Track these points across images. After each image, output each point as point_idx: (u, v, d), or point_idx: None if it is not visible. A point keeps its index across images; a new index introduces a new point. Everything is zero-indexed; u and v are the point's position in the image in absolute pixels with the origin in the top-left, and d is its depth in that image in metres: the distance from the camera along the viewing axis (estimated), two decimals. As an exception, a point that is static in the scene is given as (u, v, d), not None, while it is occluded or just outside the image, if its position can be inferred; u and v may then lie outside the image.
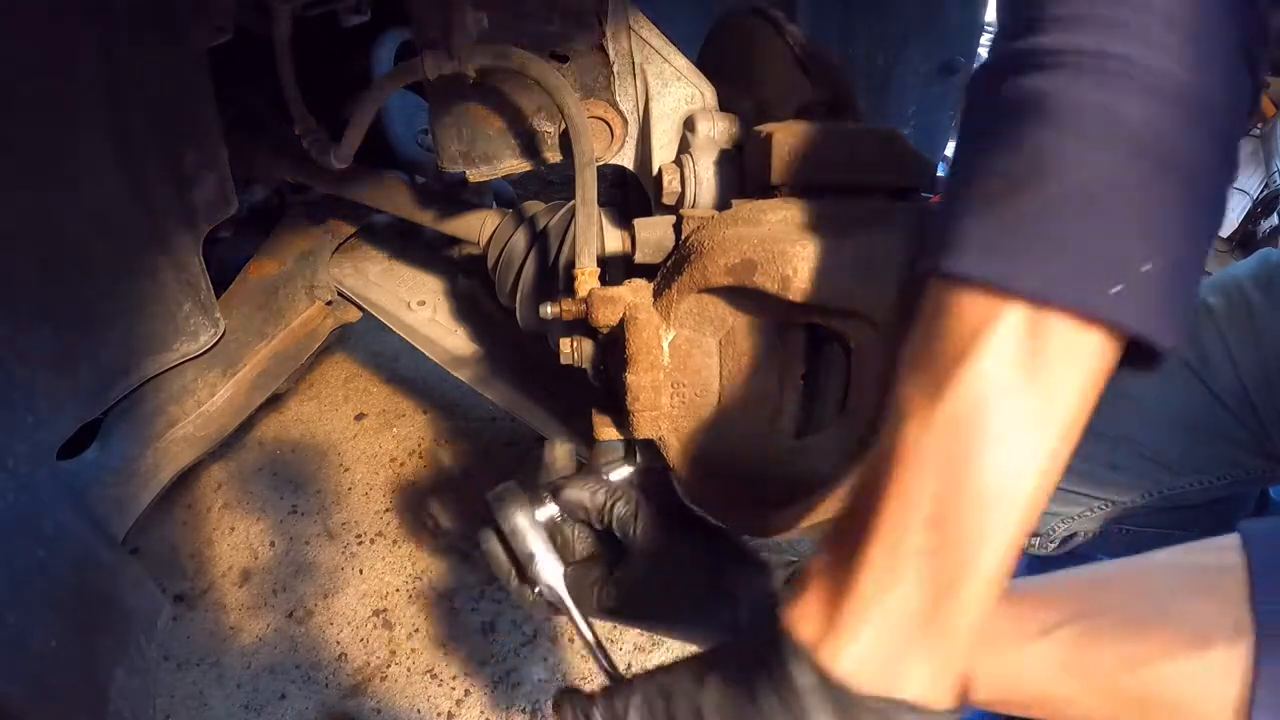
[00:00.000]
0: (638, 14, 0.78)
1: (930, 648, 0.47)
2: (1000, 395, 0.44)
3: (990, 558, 0.45)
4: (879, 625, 0.47)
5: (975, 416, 0.44)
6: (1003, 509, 0.45)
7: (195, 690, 1.19)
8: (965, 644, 0.47)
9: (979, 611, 0.46)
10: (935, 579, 0.46)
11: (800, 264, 0.58)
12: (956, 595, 0.46)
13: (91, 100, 0.72)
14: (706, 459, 0.69)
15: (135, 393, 0.91)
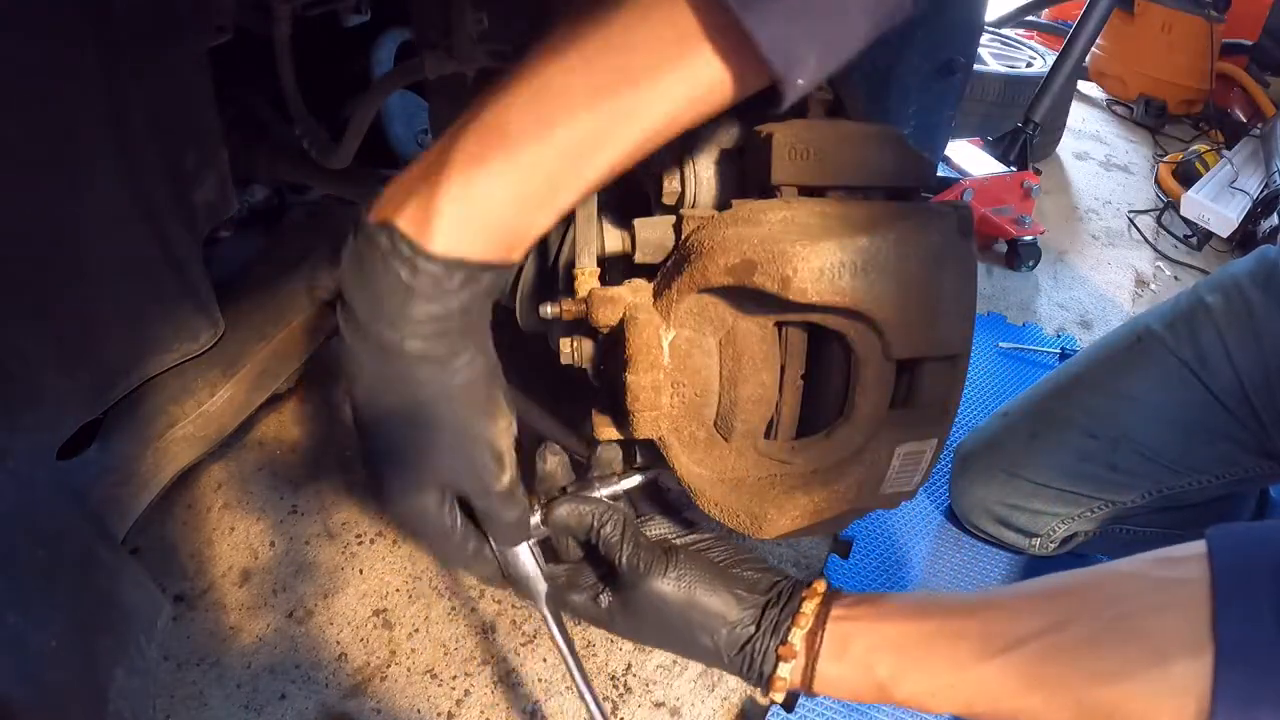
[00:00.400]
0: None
1: (420, 188, 0.48)
2: (566, 15, 0.47)
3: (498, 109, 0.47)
4: (399, 177, 0.50)
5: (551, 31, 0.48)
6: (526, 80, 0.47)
7: (195, 690, 1.19)
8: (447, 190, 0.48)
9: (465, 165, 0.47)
10: (447, 142, 0.48)
11: (800, 264, 0.58)
12: (450, 150, 0.47)
13: (91, 100, 0.72)
14: (706, 459, 0.69)
15: (135, 393, 0.91)
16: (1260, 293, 1.29)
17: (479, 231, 0.49)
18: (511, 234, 0.50)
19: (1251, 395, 1.28)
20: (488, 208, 0.48)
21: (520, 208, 0.49)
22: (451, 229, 0.48)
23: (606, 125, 0.48)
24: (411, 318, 0.50)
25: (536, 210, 0.50)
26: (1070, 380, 1.44)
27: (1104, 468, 1.39)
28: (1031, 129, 2.41)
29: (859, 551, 1.48)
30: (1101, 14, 2.36)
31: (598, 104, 0.47)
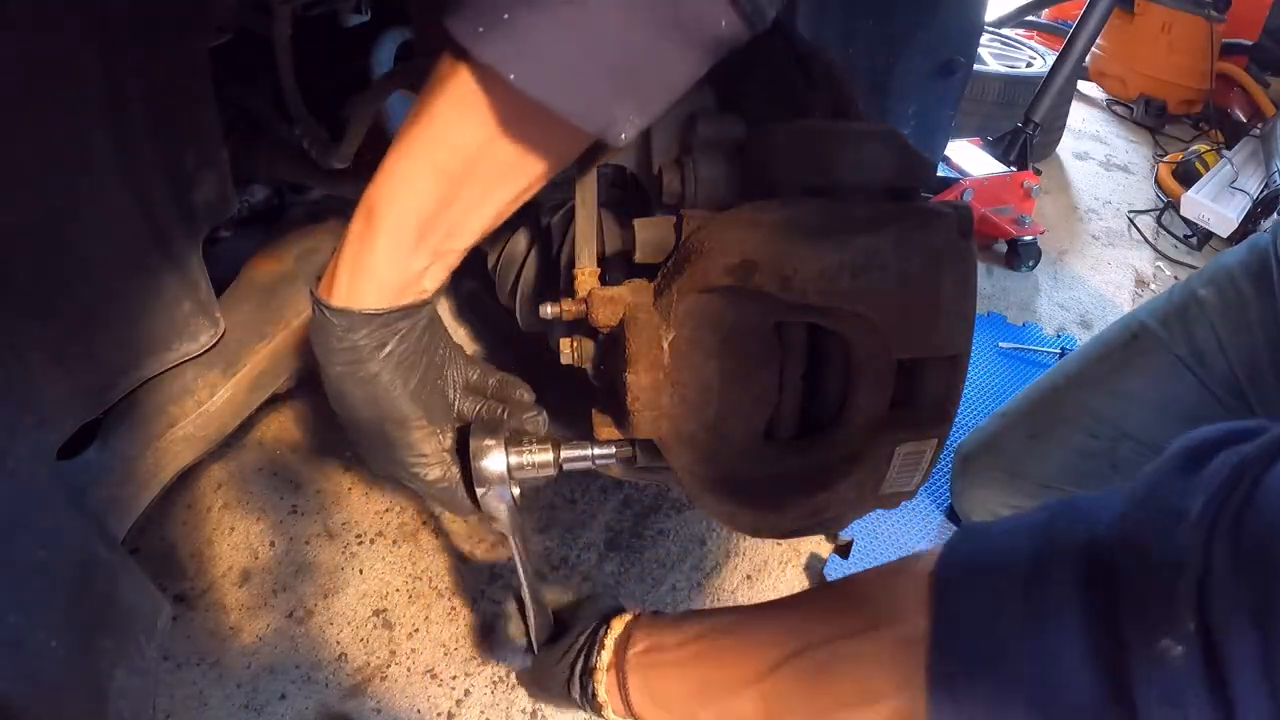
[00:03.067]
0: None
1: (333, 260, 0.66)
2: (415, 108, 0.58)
3: (372, 192, 0.61)
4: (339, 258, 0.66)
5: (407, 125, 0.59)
6: (387, 168, 0.60)
7: (195, 690, 1.19)
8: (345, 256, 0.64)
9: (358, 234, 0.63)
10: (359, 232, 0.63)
11: (800, 264, 0.58)
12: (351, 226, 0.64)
13: (91, 99, 0.72)
14: (706, 459, 0.69)
15: (135, 393, 0.91)
16: (1252, 284, 1.29)
17: (366, 288, 0.64)
18: (394, 284, 0.65)
19: (1246, 388, 1.28)
20: (372, 272, 0.63)
21: (390, 266, 0.63)
22: (345, 289, 0.65)
23: (451, 198, 0.60)
24: (333, 348, 0.67)
25: (408, 262, 0.64)
26: (1067, 379, 1.44)
27: (1105, 466, 1.39)
28: (1031, 129, 2.41)
29: (859, 551, 1.48)
30: (1101, 14, 2.36)
31: (436, 186, 0.59)
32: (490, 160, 0.59)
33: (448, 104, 0.56)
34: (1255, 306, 1.28)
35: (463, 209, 0.62)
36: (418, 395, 0.73)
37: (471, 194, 0.61)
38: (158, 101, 0.78)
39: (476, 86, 0.54)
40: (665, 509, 1.51)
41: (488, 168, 0.59)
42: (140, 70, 0.75)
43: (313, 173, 1.03)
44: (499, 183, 0.61)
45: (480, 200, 0.62)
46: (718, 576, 1.42)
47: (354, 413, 0.72)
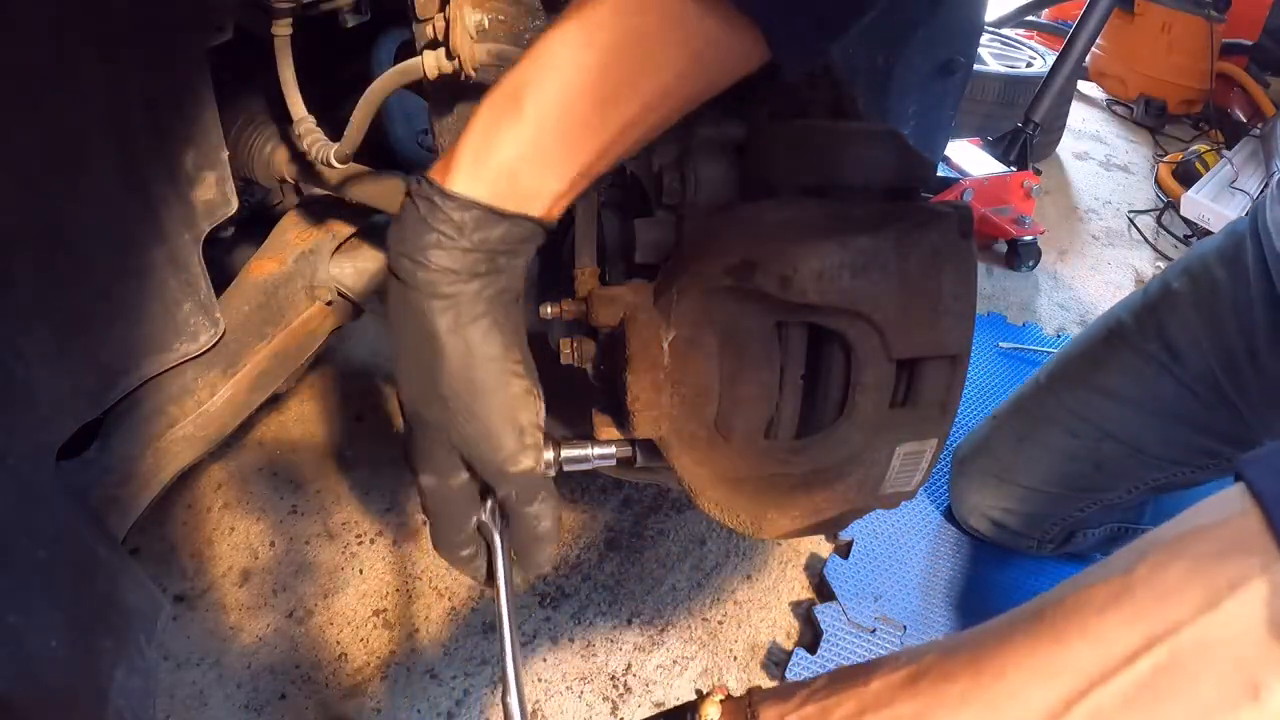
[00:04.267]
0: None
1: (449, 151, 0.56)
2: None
3: (517, 74, 0.54)
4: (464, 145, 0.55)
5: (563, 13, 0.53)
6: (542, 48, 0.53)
7: (195, 690, 1.19)
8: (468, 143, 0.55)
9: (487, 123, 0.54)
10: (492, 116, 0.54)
11: (801, 264, 0.58)
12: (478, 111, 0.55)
13: (92, 100, 0.72)
14: (707, 459, 0.69)
15: (135, 393, 0.91)
16: (1226, 270, 1.28)
17: (491, 179, 0.54)
18: (522, 187, 0.55)
19: (1221, 379, 1.28)
20: (499, 159, 0.54)
21: (528, 163, 0.54)
22: (467, 174, 0.54)
23: (608, 93, 0.53)
24: (428, 246, 0.54)
25: (545, 168, 0.55)
26: (1051, 378, 1.45)
27: (1089, 466, 1.39)
28: (1031, 129, 2.41)
29: (859, 551, 1.48)
30: (1102, 14, 2.36)
31: (598, 75, 0.52)
32: (665, 68, 0.53)
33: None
34: (1229, 293, 1.27)
35: (610, 118, 0.54)
36: (521, 342, 0.61)
37: (626, 105, 0.54)
38: (158, 101, 0.78)
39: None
40: (665, 509, 1.51)
41: (658, 78, 0.53)
42: (141, 71, 0.75)
43: (312, 173, 1.03)
44: (656, 99, 0.54)
45: (629, 106, 0.54)
46: (718, 576, 1.42)
47: (433, 351, 0.57)
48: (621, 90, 0.53)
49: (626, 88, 0.53)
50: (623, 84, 0.53)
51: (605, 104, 0.53)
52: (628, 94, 0.53)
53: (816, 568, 1.46)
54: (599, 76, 0.52)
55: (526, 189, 0.55)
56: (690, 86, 0.55)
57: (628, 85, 0.53)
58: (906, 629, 1.37)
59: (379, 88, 0.76)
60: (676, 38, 0.52)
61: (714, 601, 1.38)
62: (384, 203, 1.02)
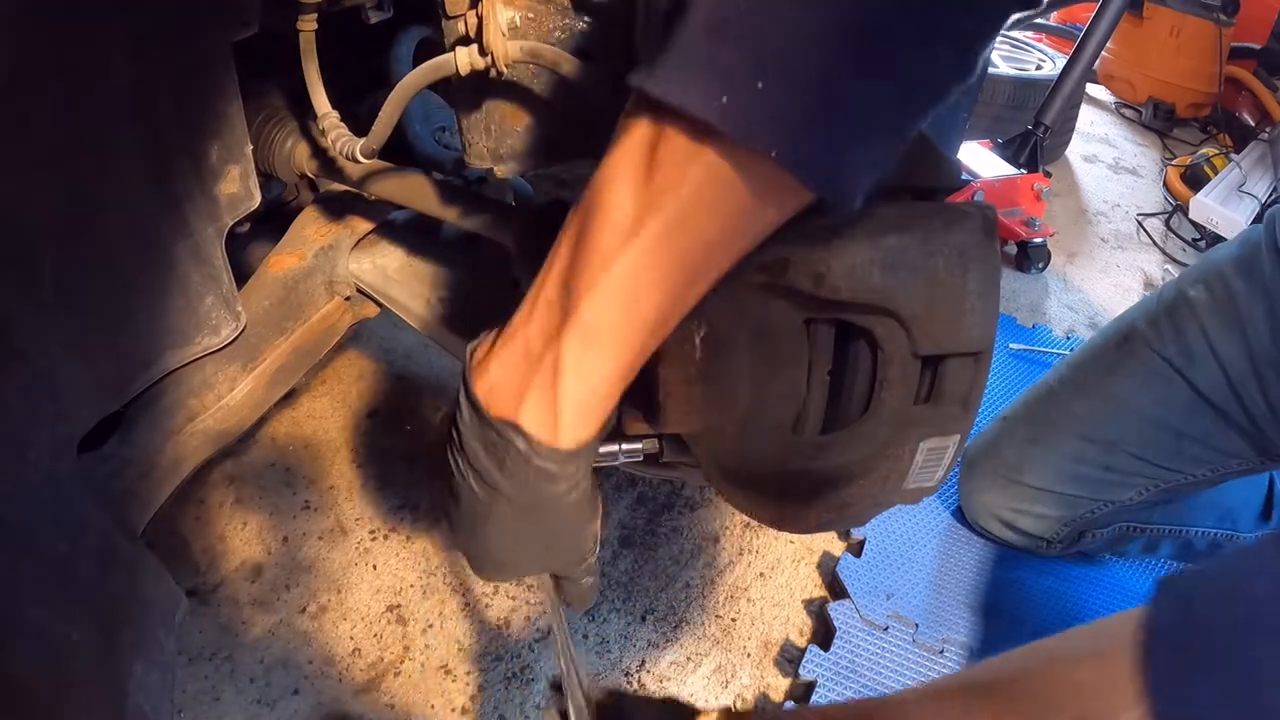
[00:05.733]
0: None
1: (538, 388, 0.54)
2: (616, 183, 0.49)
3: (589, 316, 0.51)
4: (507, 362, 0.56)
5: (598, 199, 0.50)
6: (603, 280, 0.50)
7: (208, 685, 1.19)
8: (566, 391, 0.54)
9: (577, 363, 0.53)
10: (547, 331, 0.53)
11: (833, 262, 0.58)
12: (558, 347, 0.52)
13: (119, 93, 0.72)
14: (734, 454, 0.69)
15: (156, 386, 0.91)
16: (1243, 281, 1.28)
17: (593, 419, 0.57)
18: (611, 403, 0.57)
19: (1238, 388, 1.28)
20: (598, 400, 0.55)
21: (617, 387, 0.56)
22: (574, 426, 0.55)
23: (678, 298, 0.53)
24: (554, 489, 0.58)
25: (628, 376, 0.56)
26: (1061, 383, 1.45)
27: (1099, 469, 1.40)
28: (1041, 131, 2.41)
29: (871, 550, 1.48)
30: (1112, 17, 2.36)
31: (670, 291, 0.52)
32: (728, 247, 0.52)
33: (695, 190, 0.47)
34: (1245, 302, 1.27)
35: (685, 305, 0.54)
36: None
37: (698, 288, 0.53)
38: (183, 95, 0.78)
39: (728, 169, 0.47)
40: (679, 506, 1.51)
41: (724, 256, 0.53)
42: (167, 64, 0.75)
43: (334, 168, 1.04)
44: (722, 269, 0.54)
45: (700, 293, 0.54)
46: (731, 574, 1.42)
47: (545, 532, 0.63)
48: (694, 286, 0.53)
49: (699, 281, 0.53)
50: (696, 281, 0.53)
51: (679, 303, 0.54)
52: (700, 285, 0.54)
53: (829, 566, 1.46)
54: (674, 287, 0.52)
55: (612, 402, 0.57)
56: (754, 246, 0.55)
57: (701, 279, 0.53)
58: (919, 626, 1.37)
59: (410, 83, 0.76)
60: (744, 226, 0.51)
61: (728, 599, 1.38)
62: (405, 198, 1.02)
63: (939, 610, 1.42)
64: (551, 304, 0.53)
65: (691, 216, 0.49)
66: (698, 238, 0.50)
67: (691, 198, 0.48)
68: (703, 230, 0.49)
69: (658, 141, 0.47)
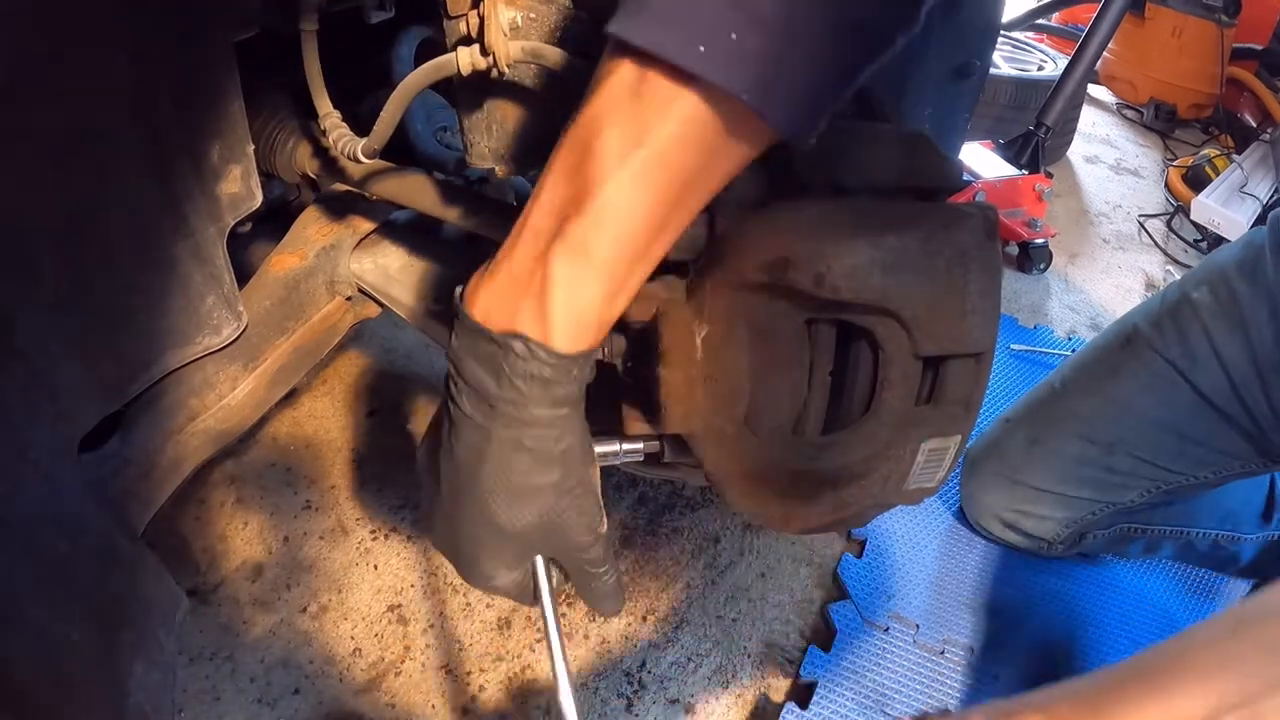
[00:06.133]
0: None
1: (528, 301, 0.58)
2: (604, 120, 0.54)
3: (577, 237, 0.55)
4: (498, 284, 0.59)
5: (585, 134, 0.55)
6: (592, 207, 0.55)
7: (208, 684, 1.19)
8: (556, 300, 0.57)
9: (567, 278, 0.57)
10: (537, 250, 0.57)
11: (834, 262, 0.58)
12: (546, 262, 0.56)
13: (120, 93, 0.72)
14: (735, 454, 0.69)
15: (156, 385, 0.91)
16: (1247, 284, 1.28)
17: (583, 334, 0.59)
18: (603, 323, 0.60)
19: (1241, 390, 1.27)
20: (584, 307, 0.58)
21: (608, 303, 0.58)
22: (566, 333, 0.58)
23: (664, 221, 0.57)
24: (548, 395, 0.60)
25: (617, 299, 0.59)
26: (1064, 384, 1.45)
27: (1101, 470, 1.39)
28: (1043, 132, 2.41)
29: (872, 550, 1.48)
30: (1113, 18, 2.36)
31: (655, 213, 0.56)
32: (704, 182, 0.57)
33: (676, 128, 0.52)
34: (1249, 305, 1.27)
35: (666, 235, 0.58)
36: (591, 446, 0.68)
37: (678, 218, 0.58)
38: (185, 95, 0.78)
39: (705, 109, 0.52)
40: (679, 507, 1.51)
41: (700, 190, 0.57)
42: (168, 64, 0.75)
43: (335, 168, 1.04)
44: (698, 203, 0.59)
45: (680, 224, 0.59)
46: (732, 574, 1.42)
47: (541, 468, 0.63)
48: (674, 215, 0.57)
49: (679, 211, 0.57)
50: (676, 210, 0.57)
51: (662, 230, 0.57)
52: (680, 216, 0.58)
53: (830, 566, 1.46)
54: (659, 216, 0.56)
55: (605, 324, 0.60)
56: (724, 183, 0.59)
57: (680, 208, 0.57)
58: (919, 627, 1.37)
59: (412, 83, 0.76)
60: (717, 162, 0.56)
61: (728, 599, 1.38)
62: (406, 198, 1.02)
63: (940, 611, 1.42)
64: (538, 231, 0.58)
65: (673, 150, 0.53)
66: (679, 170, 0.54)
67: (674, 133, 0.52)
68: (683, 162, 0.54)
69: (641, 83, 0.52)
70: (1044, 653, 1.40)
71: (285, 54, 0.92)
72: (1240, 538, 1.53)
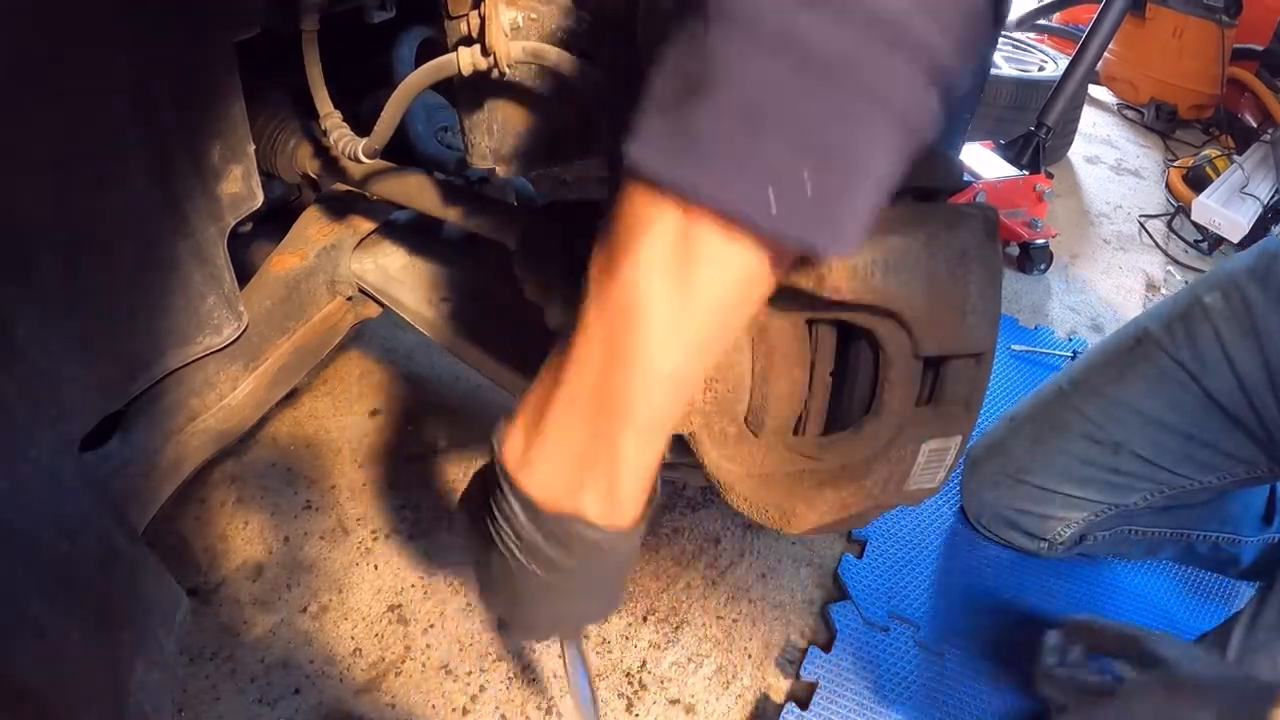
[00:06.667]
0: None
1: (595, 479, 0.55)
2: (650, 282, 0.48)
3: (641, 414, 0.53)
4: (554, 459, 0.56)
5: (631, 303, 0.49)
6: (651, 381, 0.51)
7: (208, 684, 1.19)
8: (625, 480, 0.56)
9: (634, 454, 0.55)
10: (596, 428, 0.54)
11: (835, 263, 0.58)
12: (612, 442, 0.54)
13: (121, 94, 0.72)
14: (736, 454, 0.69)
15: (157, 385, 0.91)
16: (1259, 290, 1.28)
17: (646, 491, 0.59)
18: (647, 481, 0.59)
19: (1252, 396, 1.27)
20: (650, 476, 0.58)
21: (658, 460, 0.58)
22: (634, 505, 0.58)
23: (701, 371, 0.55)
24: (620, 558, 0.61)
25: (659, 448, 0.57)
26: (1072, 384, 1.44)
27: (1106, 472, 1.39)
28: (1044, 133, 2.41)
29: (873, 551, 1.48)
30: (1114, 19, 2.35)
31: (711, 359, 0.54)
32: (747, 316, 0.53)
33: (733, 284, 0.48)
34: (1261, 312, 1.27)
35: (701, 380, 0.58)
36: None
37: (710, 362, 0.55)
38: (185, 95, 0.79)
39: (763, 258, 0.47)
40: (680, 507, 1.51)
41: (735, 330, 0.54)
42: (168, 64, 0.75)
43: (336, 168, 1.04)
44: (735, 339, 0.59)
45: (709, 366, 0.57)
46: (732, 575, 1.42)
47: (590, 598, 0.66)
48: (718, 350, 0.56)
49: (722, 346, 0.56)
50: (721, 346, 0.55)
51: (696, 380, 0.56)
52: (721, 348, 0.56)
53: (830, 567, 1.46)
54: (709, 361, 0.54)
55: (658, 465, 0.59)
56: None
57: (724, 343, 0.56)
58: (920, 628, 1.37)
59: (413, 83, 0.76)
60: (762, 297, 0.52)
61: (729, 600, 1.38)
62: (406, 198, 1.02)
63: (940, 611, 1.42)
64: (592, 404, 0.54)
65: (730, 310, 0.50)
66: (732, 319, 0.52)
67: (730, 294, 0.49)
68: (736, 311, 0.51)
69: (689, 235, 0.46)
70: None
71: (286, 54, 0.92)
72: (1241, 540, 1.53)
